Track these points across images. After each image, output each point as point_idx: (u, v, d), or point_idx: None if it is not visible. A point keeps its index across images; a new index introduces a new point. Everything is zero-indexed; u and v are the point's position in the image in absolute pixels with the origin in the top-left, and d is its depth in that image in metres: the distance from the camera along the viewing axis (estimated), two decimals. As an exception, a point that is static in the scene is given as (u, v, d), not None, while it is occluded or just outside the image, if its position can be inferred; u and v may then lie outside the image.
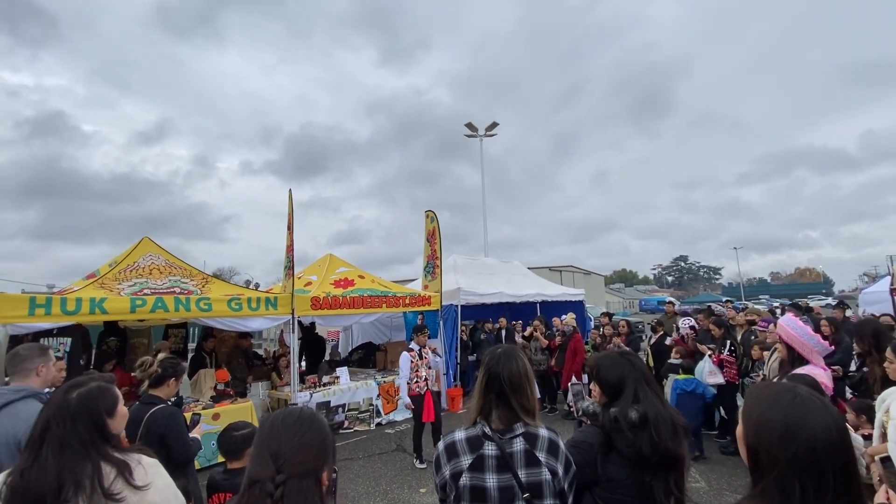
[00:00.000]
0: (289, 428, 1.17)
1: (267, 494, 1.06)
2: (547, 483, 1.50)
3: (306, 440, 1.15)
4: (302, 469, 1.11)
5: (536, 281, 13.46)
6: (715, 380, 5.81)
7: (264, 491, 1.06)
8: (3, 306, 4.67)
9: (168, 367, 3.03)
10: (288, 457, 1.11)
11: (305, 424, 1.19)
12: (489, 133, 21.54)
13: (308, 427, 1.18)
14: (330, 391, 7.45)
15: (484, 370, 1.68)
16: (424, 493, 5.04)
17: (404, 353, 6.18)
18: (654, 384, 1.79)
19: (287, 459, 1.10)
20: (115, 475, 1.45)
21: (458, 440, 1.59)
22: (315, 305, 7.25)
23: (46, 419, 1.47)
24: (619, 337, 7.88)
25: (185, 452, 2.87)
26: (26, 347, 2.56)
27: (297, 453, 1.12)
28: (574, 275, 47.71)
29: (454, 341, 9.43)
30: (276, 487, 1.06)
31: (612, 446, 1.64)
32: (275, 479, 1.07)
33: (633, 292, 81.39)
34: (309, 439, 1.16)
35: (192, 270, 7.02)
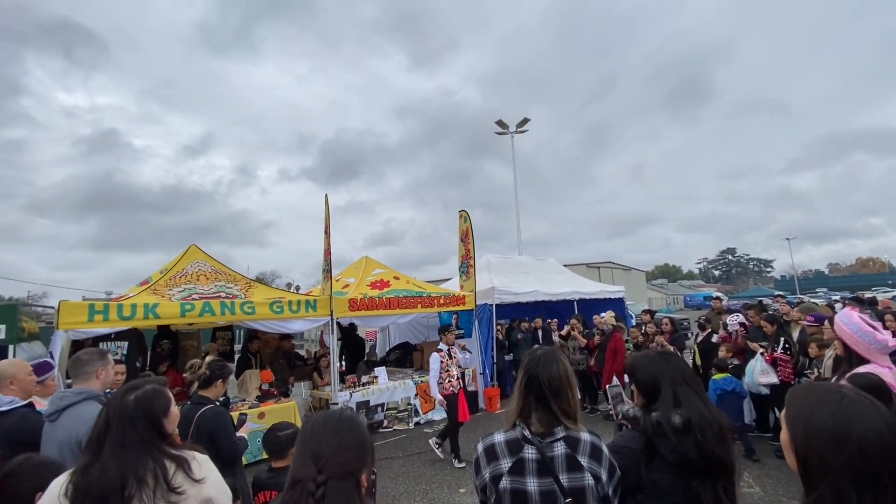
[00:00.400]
0: (329, 429, 1.20)
1: (308, 494, 1.08)
2: (590, 488, 1.46)
3: (346, 442, 1.18)
4: (342, 470, 1.13)
5: (573, 278, 13.18)
6: (768, 379, 5.49)
7: (306, 490, 1.09)
8: (65, 313, 5.03)
9: (215, 369, 3.17)
10: (328, 458, 1.13)
11: (345, 426, 1.21)
12: (520, 129, 21.30)
13: (348, 429, 1.21)
14: (369, 391, 7.59)
15: (523, 372, 1.65)
16: (464, 493, 5.03)
17: (434, 353, 6.23)
18: (696, 385, 1.70)
19: (328, 460, 1.13)
20: (175, 470, 1.53)
21: (498, 442, 1.57)
22: (353, 307, 7.41)
23: (106, 420, 1.55)
24: (663, 335, 7.58)
25: (233, 451, 2.98)
26: (87, 352, 2.72)
27: (337, 454, 1.14)
28: (613, 271, 46.37)
29: (490, 341, 9.37)
30: (317, 487, 1.09)
31: (656, 452, 1.57)
32: (316, 480, 1.09)
33: (676, 288, 78.22)
34: (349, 441, 1.18)
35: (236, 275, 7.32)
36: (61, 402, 2.43)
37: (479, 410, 8.77)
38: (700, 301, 48.63)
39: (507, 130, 21.43)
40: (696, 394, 1.65)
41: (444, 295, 8.87)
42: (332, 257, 7.49)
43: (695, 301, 51.72)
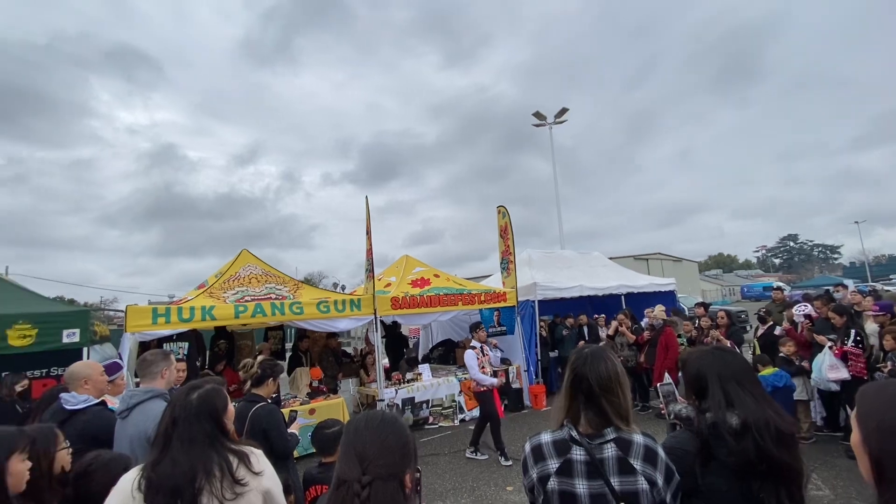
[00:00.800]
0: (372, 431, 1.21)
1: (354, 494, 1.10)
2: (644, 493, 1.38)
3: (389, 443, 1.19)
4: (386, 471, 1.14)
5: (619, 272, 12.73)
6: (837, 375, 5.08)
7: (352, 491, 1.11)
8: (131, 317, 5.44)
9: (266, 368, 3.30)
10: (372, 458, 1.15)
11: (388, 428, 1.22)
12: (559, 120, 20.82)
13: (390, 430, 1.22)
14: (414, 387, 7.69)
15: (570, 371, 1.60)
16: (511, 491, 5.00)
17: (469, 351, 6.26)
18: (751, 382, 1.59)
19: (371, 461, 1.14)
20: (238, 463, 1.61)
21: (545, 443, 1.54)
22: (395, 305, 7.53)
23: (172, 417, 1.65)
24: (718, 329, 7.19)
25: (285, 446, 3.10)
26: (152, 353, 2.92)
27: (380, 455, 1.16)
28: (663, 263, 44.46)
29: (533, 337, 9.24)
30: (362, 488, 1.10)
31: (712, 455, 1.48)
32: (361, 480, 1.11)
33: (732, 278, 73.86)
34: (392, 442, 1.19)
35: (285, 277, 7.62)
36: (131, 400, 2.62)
37: (525, 408, 8.68)
38: (759, 292, 45.73)
39: (545, 122, 21.01)
40: (750, 392, 1.54)
41: (484, 292, 8.83)
42: (374, 257, 7.64)
43: (753, 292, 48.69)
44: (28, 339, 4.78)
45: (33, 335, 4.82)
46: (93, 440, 2.53)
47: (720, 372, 1.60)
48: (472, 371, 6.14)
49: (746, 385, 1.57)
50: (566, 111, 20.66)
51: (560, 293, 9.87)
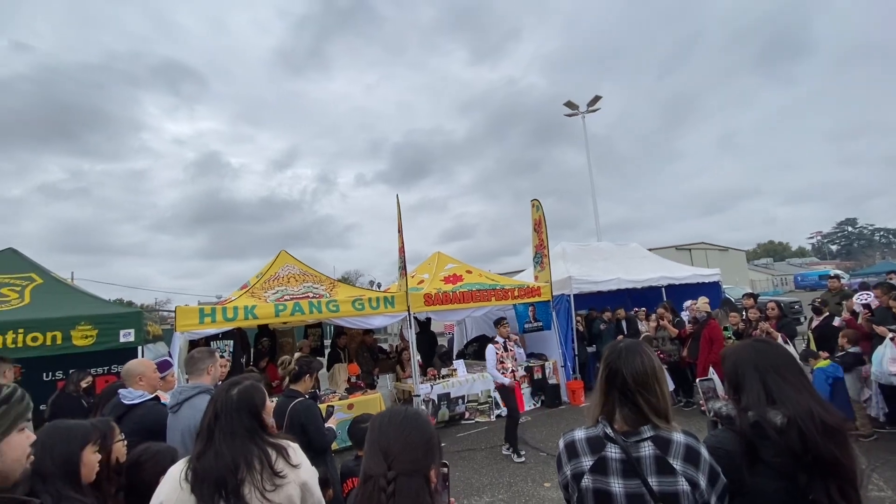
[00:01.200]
0: (396, 427, 1.23)
1: (380, 489, 1.13)
2: (685, 494, 1.32)
3: (412, 439, 1.21)
4: (411, 466, 1.16)
5: (659, 263, 12.29)
6: (904, 369, 4.70)
7: (378, 486, 1.14)
8: (181, 317, 5.76)
9: (303, 365, 3.42)
10: (397, 454, 1.17)
11: (411, 424, 1.24)
12: (591, 109, 20.28)
13: (413, 427, 1.24)
14: (449, 383, 7.73)
15: (604, 365, 1.55)
16: (549, 487, 4.95)
17: (490, 346, 6.31)
18: (794, 374, 1.50)
19: (396, 457, 1.17)
20: (277, 456, 1.68)
21: (578, 439, 1.50)
22: (428, 302, 7.59)
23: (215, 412, 1.73)
24: (769, 321, 6.81)
25: (322, 440, 3.21)
26: (198, 351, 3.08)
27: (404, 451, 1.18)
28: (707, 252, 42.50)
29: (569, 332, 9.08)
30: (388, 483, 1.13)
31: (757, 456, 1.40)
32: (387, 475, 1.14)
33: (784, 267, 69.63)
34: (415, 438, 1.21)
35: (322, 276, 7.84)
36: (181, 396, 2.78)
37: (563, 403, 8.56)
38: (814, 281, 42.96)
39: (578, 111, 20.51)
40: (791, 383, 1.45)
41: (518, 287, 8.75)
42: (408, 254, 7.73)
43: (807, 281, 45.78)
44: (89, 339, 5.16)
45: (94, 335, 5.20)
46: (148, 433, 2.71)
47: (757, 363, 1.52)
48: (489, 366, 6.22)
49: (787, 375, 1.48)
50: (599, 99, 20.09)
51: (596, 286, 9.64)
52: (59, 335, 5.03)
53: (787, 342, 6.03)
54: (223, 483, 1.58)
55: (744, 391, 1.50)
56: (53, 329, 5.01)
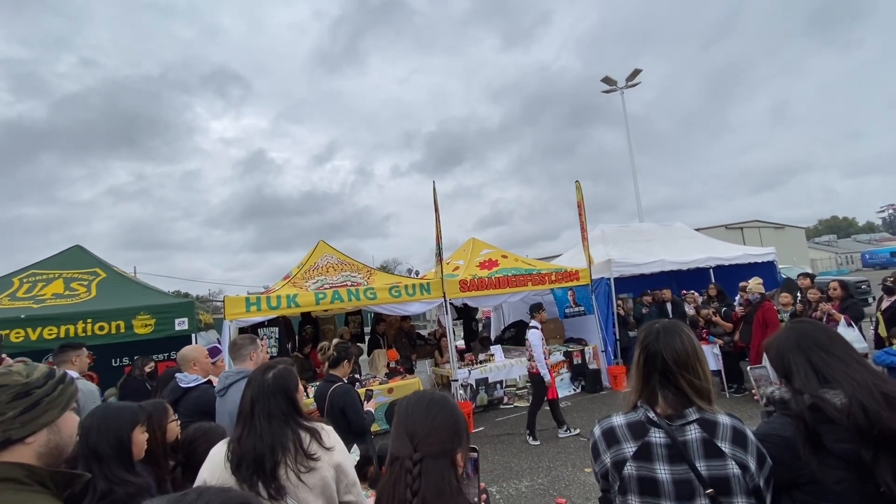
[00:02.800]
0: (422, 410, 1.23)
1: (406, 471, 1.13)
2: (736, 478, 1.26)
3: (438, 422, 1.20)
4: (437, 449, 1.16)
5: (707, 243, 11.66)
6: None
7: (404, 468, 1.14)
8: (229, 306, 6.07)
9: (341, 351, 3.52)
10: (422, 437, 1.17)
11: (436, 407, 1.24)
12: (631, 83, 19.34)
13: (439, 410, 1.23)
14: (486, 368, 7.75)
15: (639, 348, 1.48)
16: (589, 472, 4.89)
17: (534, 330, 6.20)
18: (839, 347, 1.40)
19: (422, 440, 1.16)
20: (311, 439, 1.73)
21: (618, 425, 1.44)
22: (463, 288, 7.60)
23: (252, 396, 1.80)
24: (831, 302, 6.32)
25: (361, 423, 3.30)
26: (241, 338, 3.22)
27: (430, 434, 1.17)
28: (761, 231, 39.94)
29: (609, 317, 8.84)
30: (414, 465, 1.13)
31: (819, 443, 1.30)
32: (412, 457, 1.14)
33: (850, 244, 64.55)
34: (440, 421, 1.21)
35: (359, 265, 8.01)
36: (227, 381, 2.93)
37: (604, 389, 8.41)
38: (886, 258, 39.63)
39: (616, 87, 19.62)
40: (840, 359, 1.35)
41: (555, 271, 8.60)
42: (445, 241, 7.74)
43: (877, 258, 42.26)
44: (148, 328, 5.56)
45: (152, 324, 5.59)
46: (202, 414, 2.90)
47: (800, 343, 1.42)
48: (536, 351, 6.09)
49: (833, 351, 1.37)
50: (639, 73, 19.09)
51: (638, 269, 9.29)
52: (122, 324, 5.45)
53: (852, 325, 5.59)
54: (261, 464, 1.64)
55: (792, 375, 1.40)
56: (117, 319, 5.44)
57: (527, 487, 4.71)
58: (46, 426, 1.12)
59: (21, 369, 1.14)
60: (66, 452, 1.17)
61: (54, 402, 1.15)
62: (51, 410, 1.14)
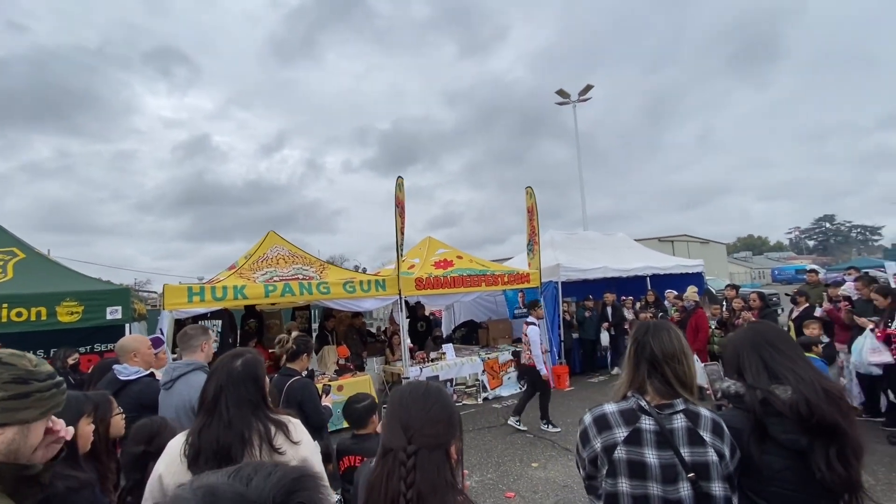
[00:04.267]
0: (417, 401, 1.22)
1: (400, 463, 1.11)
2: (714, 465, 1.39)
3: (433, 413, 1.19)
4: (432, 441, 1.14)
5: (645, 253, 12.49)
6: (879, 358, 4.89)
7: (398, 460, 1.12)
8: (169, 295, 5.64)
9: (301, 343, 3.40)
10: (417, 429, 1.15)
11: (432, 398, 1.23)
12: (583, 98, 20.26)
13: (434, 401, 1.22)
14: (438, 366, 7.80)
15: (632, 341, 1.60)
16: (536, 467, 5.06)
17: (533, 327, 6.39)
18: (789, 347, 1.56)
19: (416, 431, 1.15)
20: (276, 432, 1.66)
21: (610, 412, 1.52)
22: (419, 286, 7.59)
23: (218, 384, 1.68)
24: (751, 311, 7.01)
25: (319, 418, 3.21)
26: (192, 328, 3.03)
27: (425, 426, 1.16)
28: (689, 244, 43.20)
29: (556, 318, 9.21)
30: (408, 457, 1.11)
31: (767, 434, 1.45)
32: (407, 449, 1.12)
33: (763, 261, 71.43)
34: (436, 413, 1.19)
35: (311, 258, 7.76)
36: (174, 373, 2.74)
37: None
38: (791, 275, 44.17)
39: (569, 100, 20.47)
40: (788, 357, 1.51)
41: (507, 273, 8.81)
42: (394, 241, 7.65)
43: (784, 275, 47.06)
44: (75, 316, 5.04)
45: (80, 312, 5.08)
46: (144, 408, 2.69)
47: (753, 341, 1.58)
48: (534, 347, 6.26)
49: (782, 349, 1.54)
50: (591, 88, 20.08)
51: (584, 274, 9.76)
52: (44, 311, 4.90)
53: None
54: (226, 455, 1.57)
55: (745, 371, 1.55)
56: (38, 304, 4.88)
57: (476, 482, 4.79)
58: (21, 424, 1.05)
59: (33, 358, 1.11)
60: (19, 461, 1.06)
61: (42, 402, 1.09)
62: (33, 409, 1.07)
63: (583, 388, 8.65)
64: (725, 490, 1.38)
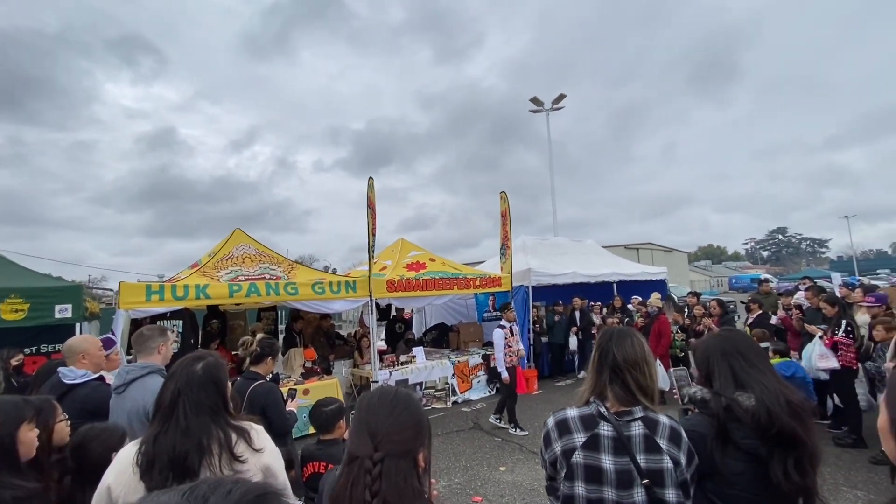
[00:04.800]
0: (385, 407, 1.18)
1: (366, 471, 1.08)
2: (668, 471, 1.41)
3: (402, 420, 1.16)
4: (399, 448, 1.11)
5: (612, 260, 12.81)
6: (827, 364, 5.18)
7: (363, 467, 1.09)
8: (125, 294, 5.35)
9: (266, 346, 3.29)
10: (384, 435, 1.12)
11: (401, 405, 1.19)
12: (556, 106, 20.67)
13: (403, 408, 1.19)
14: (407, 369, 7.73)
15: (596, 347, 1.61)
16: (504, 471, 5.08)
17: (497, 330, 6.48)
18: (758, 358, 1.62)
19: (384, 438, 1.12)
20: (238, 439, 1.58)
21: (571, 417, 1.54)
22: (390, 288, 7.51)
23: (176, 388, 1.59)
24: (711, 318, 7.28)
25: (284, 424, 3.11)
26: (149, 328, 2.86)
27: (393, 432, 1.13)
28: (653, 252, 44.84)
29: (526, 323, 9.30)
30: (374, 464, 1.08)
31: (728, 438, 1.49)
32: (373, 457, 1.09)
33: (721, 270, 74.83)
34: (404, 419, 1.16)
35: (279, 257, 7.55)
36: (128, 376, 2.58)
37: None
38: (746, 283, 46.34)
39: (543, 108, 20.84)
40: (757, 367, 1.56)
41: (479, 276, 8.84)
42: (366, 242, 7.56)
43: (740, 283, 49.33)
44: (20, 314, 4.71)
45: (25, 309, 4.75)
46: (91, 414, 2.51)
47: (724, 349, 1.62)
48: (497, 350, 6.37)
49: (752, 359, 1.59)
50: (564, 97, 20.51)
51: (553, 279, 9.92)
52: (-16, 308, 4.55)
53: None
54: (182, 465, 1.48)
55: (714, 377, 1.59)
56: (-24, 301, 4.53)
57: (444, 487, 4.76)
58: None
59: None
60: None
61: None
62: None
63: (550, 392, 8.76)
64: (679, 497, 1.41)
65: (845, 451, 5.04)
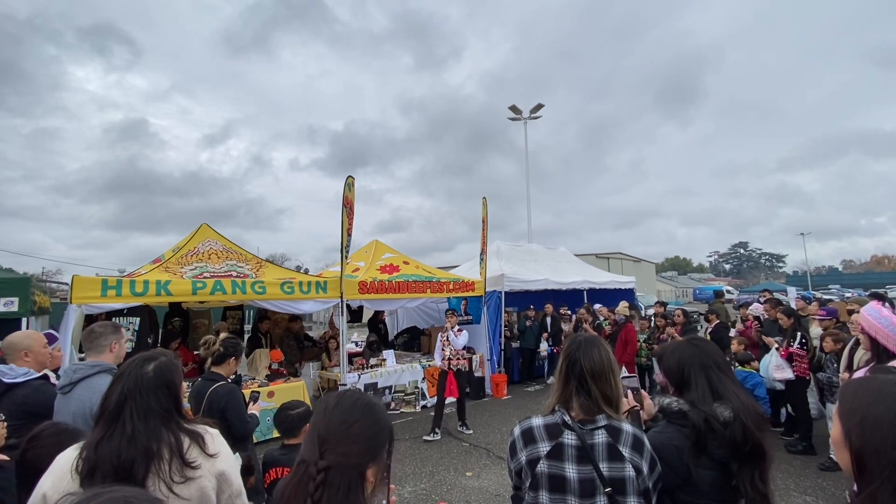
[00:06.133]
0: (340, 414, 1.12)
1: (310, 477, 1.04)
2: (630, 480, 1.42)
3: (353, 432, 1.09)
4: (345, 460, 1.06)
5: (583, 268, 13.05)
6: (782, 374, 5.40)
7: (308, 473, 1.05)
8: (78, 288, 5.06)
9: (229, 346, 3.15)
10: (332, 444, 1.07)
11: (356, 415, 1.12)
12: (534, 115, 20.98)
13: (358, 419, 1.12)
14: (377, 373, 7.62)
15: (563, 356, 1.62)
16: (470, 476, 5.05)
17: (440, 334, 6.76)
18: (729, 370, 1.66)
19: (330, 447, 1.06)
20: (190, 444, 1.50)
21: (536, 426, 1.53)
22: (362, 290, 7.39)
23: (124, 391, 1.48)
24: (675, 327, 7.49)
25: (244, 428, 2.99)
26: (101, 325, 2.70)
27: (341, 443, 1.07)
28: (623, 262, 45.97)
29: (498, 328, 9.35)
30: (318, 472, 1.04)
31: (704, 449, 1.51)
32: (318, 464, 1.04)
33: (686, 281, 77.54)
34: (356, 432, 1.10)
35: (247, 255, 7.32)
36: (75, 375, 2.42)
37: (486, 396, 8.79)
38: (709, 295, 48.06)
39: (521, 116, 21.13)
40: (731, 380, 1.60)
41: (453, 280, 8.83)
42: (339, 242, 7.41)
43: (704, 294, 51.22)
44: (-43, 306, 4.38)
45: (-36, 302, 4.42)
46: (34, 416, 2.36)
47: (702, 361, 1.64)
48: (436, 351, 6.72)
49: (726, 372, 1.62)
50: (542, 107, 20.84)
51: (526, 285, 10.01)
52: (-84, 300, 4.22)
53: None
54: (128, 473, 1.39)
55: (690, 388, 1.61)
56: None
57: (409, 493, 4.69)
58: None
59: None
60: None
61: None
62: None
63: (519, 397, 8.81)
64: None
65: (796, 457, 5.26)
